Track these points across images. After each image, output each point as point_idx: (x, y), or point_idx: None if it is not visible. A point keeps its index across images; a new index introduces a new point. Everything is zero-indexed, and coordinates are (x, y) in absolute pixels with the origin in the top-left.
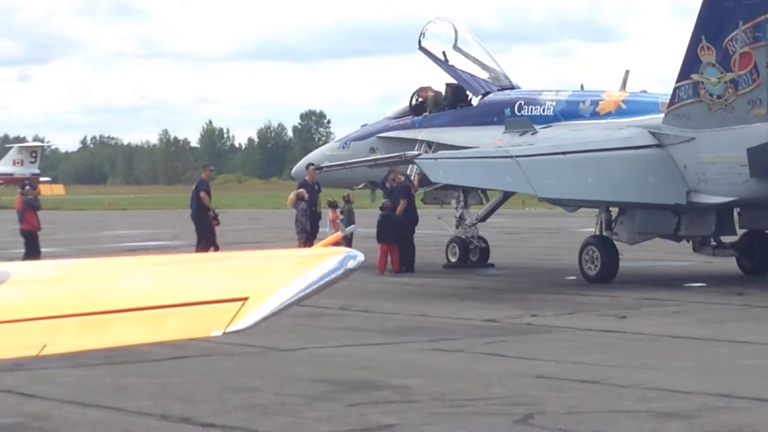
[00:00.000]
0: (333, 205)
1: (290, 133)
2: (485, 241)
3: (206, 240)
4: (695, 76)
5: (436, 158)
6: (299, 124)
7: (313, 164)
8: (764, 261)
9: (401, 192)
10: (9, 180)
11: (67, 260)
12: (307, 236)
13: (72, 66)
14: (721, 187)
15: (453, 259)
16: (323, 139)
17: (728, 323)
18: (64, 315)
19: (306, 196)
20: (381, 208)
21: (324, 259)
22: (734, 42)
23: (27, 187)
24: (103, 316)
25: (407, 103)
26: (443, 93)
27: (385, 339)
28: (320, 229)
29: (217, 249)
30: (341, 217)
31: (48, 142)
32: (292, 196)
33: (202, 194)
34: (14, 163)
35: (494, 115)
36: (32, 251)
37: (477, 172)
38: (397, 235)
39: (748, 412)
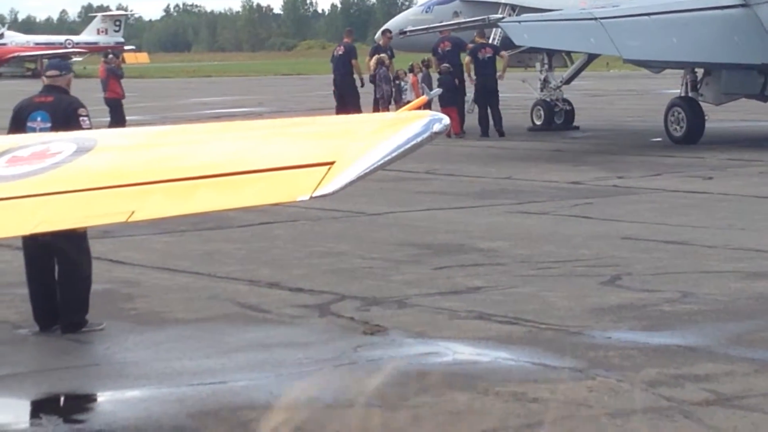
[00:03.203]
0: (413, 70)
1: None
2: (570, 104)
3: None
4: None
5: (519, 21)
6: None
7: (388, 30)
8: None
9: (451, 56)
10: (93, 49)
11: (152, 127)
12: (386, 101)
13: None
14: None
15: (538, 122)
16: (406, 4)
17: None
18: (152, 182)
19: (387, 61)
20: (439, 73)
21: (409, 123)
22: None
23: (110, 56)
24: (189, 182)
25: None
26: None
27: (471, 202)
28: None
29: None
30: (420, 81)
31: (131, 11)
32: (372, 61)
33: (354, 62)
34: (98, 32)
35: None
36: (117, 119)
37: (561, 34)
38: (452, 99)
39: None
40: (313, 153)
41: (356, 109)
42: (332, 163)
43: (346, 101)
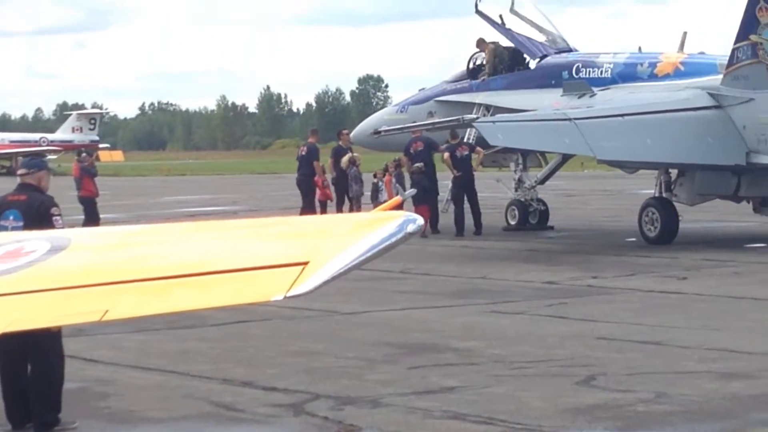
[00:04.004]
0: (387, 170)
1: (348, 98)
2: (544, 204)
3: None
4: (754, 37)
5: (494, 121)
6: (357, 88)
7: (346, 129)
8: None
9: (423, 156)
10: (68, 147)
11: (126, 226)
12: (351, 201)
13: (128, 33)
14: None
15: (512, 222)
16: (381, 103)
17: None
18: (125, 281)
19: (358, 161)
20: (411, 173)
21: (384, 223)
22: None
23: (83, 154)
24: (163, 282)
25: (465, 67)
26: (501, 54)
27: (445, 302)
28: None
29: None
30: (394, 181)
31: (106, 109)
32: (344, 159)
33: (315, 163)
34: (73, 130)
35: (552, 78)
36: (91, 217)
37: (535, 134)
38: (424, 198)
39: None
40: (287, 253)
41: (310, 210)
42: (306, 263)
43: (304, 201)
